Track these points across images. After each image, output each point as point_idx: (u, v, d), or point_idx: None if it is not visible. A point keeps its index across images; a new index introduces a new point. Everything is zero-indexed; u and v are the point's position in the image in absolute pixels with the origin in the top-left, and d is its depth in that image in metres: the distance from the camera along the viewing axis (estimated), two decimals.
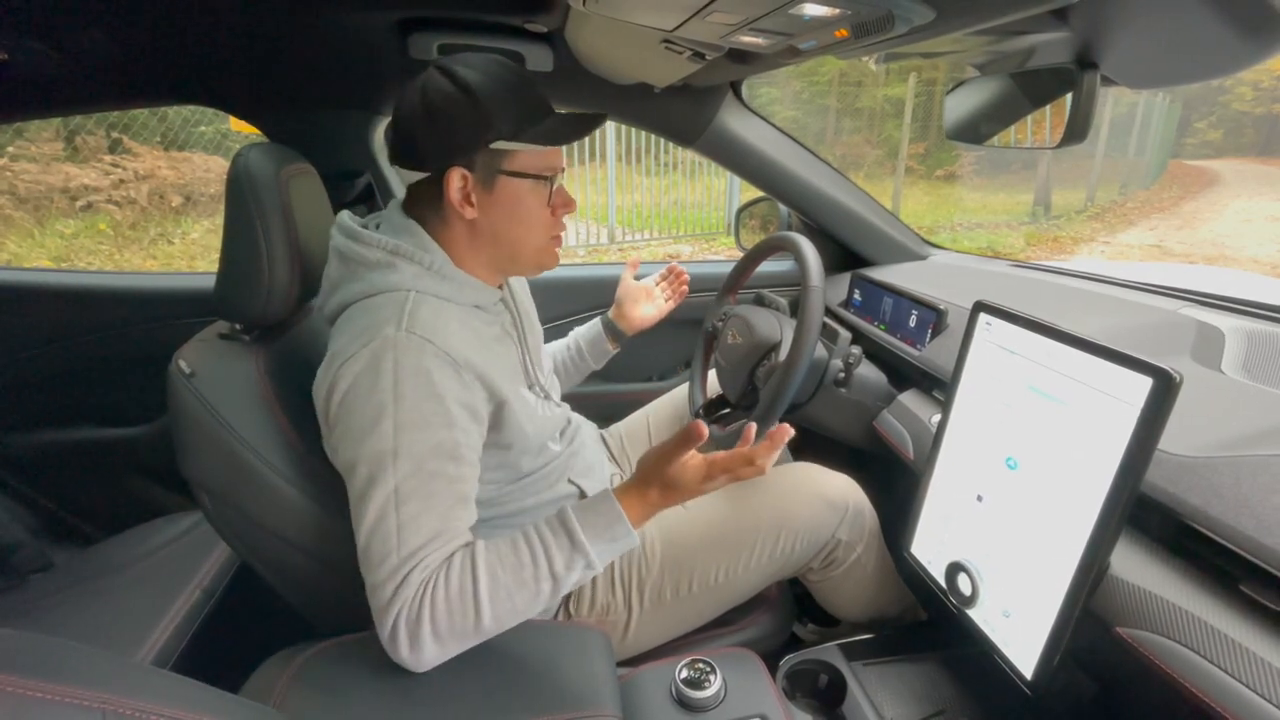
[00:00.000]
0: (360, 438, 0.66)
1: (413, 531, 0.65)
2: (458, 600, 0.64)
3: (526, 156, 0.74)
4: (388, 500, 0.65)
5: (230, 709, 0.48)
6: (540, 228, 0.79)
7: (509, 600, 0.66)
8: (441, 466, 0.67)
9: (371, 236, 0.74)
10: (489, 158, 0.73)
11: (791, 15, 0.51)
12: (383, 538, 0.65)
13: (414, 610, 0.64)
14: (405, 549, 0.64)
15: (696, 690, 0.71)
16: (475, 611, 0.65)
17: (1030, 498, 0.67)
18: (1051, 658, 0.64)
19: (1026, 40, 0.65)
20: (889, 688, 0.85)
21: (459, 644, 0.67)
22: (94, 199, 4.77)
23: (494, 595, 0.65)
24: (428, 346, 0.68)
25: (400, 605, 0.64)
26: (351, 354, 0.68)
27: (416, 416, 0.66)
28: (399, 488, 0.65)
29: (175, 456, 0.80)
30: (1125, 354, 0.57)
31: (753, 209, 1.60)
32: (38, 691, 0.37)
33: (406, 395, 0.66)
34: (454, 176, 0.72)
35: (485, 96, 0.70)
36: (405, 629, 0.64)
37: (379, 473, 0.65)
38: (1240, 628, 0.53)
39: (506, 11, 1.01)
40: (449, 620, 0.64)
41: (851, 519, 0.97)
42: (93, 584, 1.11)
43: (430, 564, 0.65)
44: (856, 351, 1.07)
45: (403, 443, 0.65)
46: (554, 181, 0.78)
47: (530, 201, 0.76)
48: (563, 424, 0.92)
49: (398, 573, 0.64)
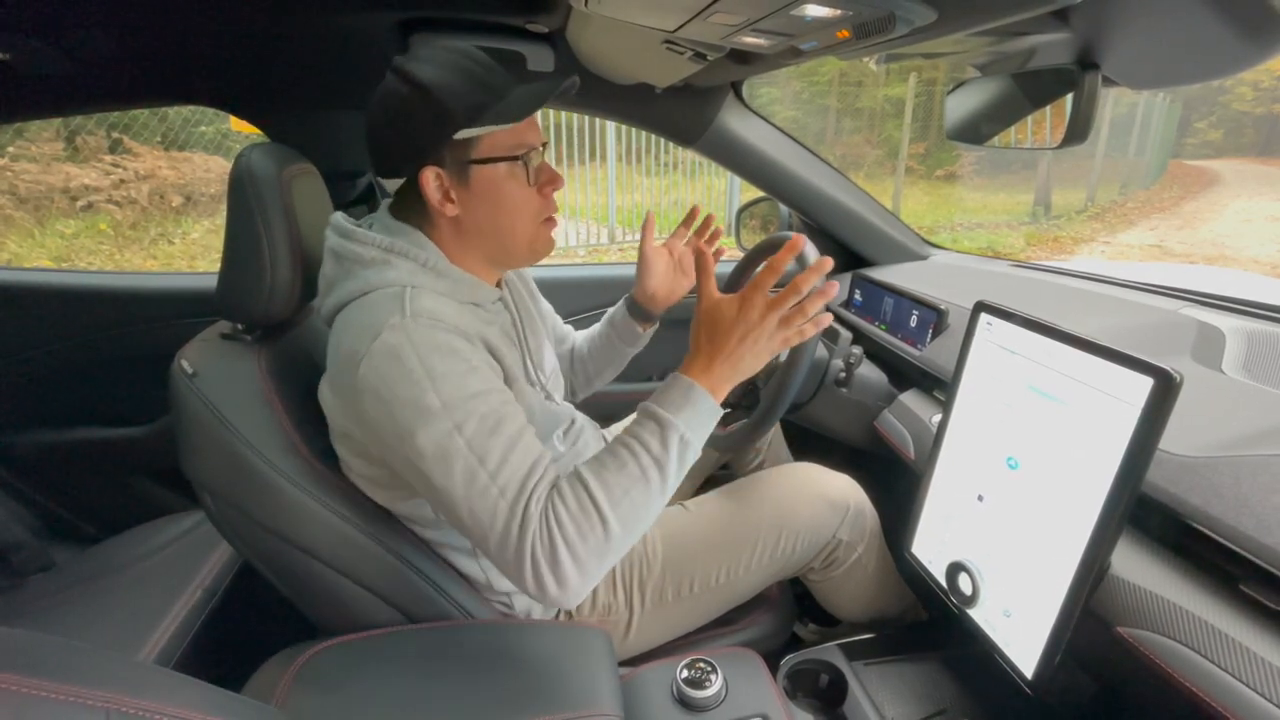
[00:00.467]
0: (412, 426, 0.65)
1: (508, 475, 0.64)
2: (580, 514, 0.64)
3: (493, 140, 0.72)
4: (469, 463, 0.64)
5: (233, 708, 0.48)
6: (527, 212, 0.77)
7: (626, 497, 0.66)
8: (501, 412, 0.67)
9: (366, 235, 0.74)
10: (456, 150, 0.72)
11: (793, 16, 0.51)
12: (481, 494, 0.64)
13: (545, 538, 0.63)
14: (510, 492, 0.64)
15: (698, 690, 0.71)
16: (601, 519, 0.64)
17: (1031, 497, 0.67)
18: (1052, 657, 0.64)
19: (1028, 41, 0.65)
20: (890, 687, 0.85)
21: (597, 562, 0.65)
22: (94, 199, 4.78)
23: (611, 497, 0.65)
24: (438, 325, 0.68)
25: (530, 540, 0.63)
26: (366, 352, 0.67)
27: (455, 380, 0.66)
28: (471, 446, 0.64)
29: (177, 456, 0.80)
30: (1126, 354, 0.57)
31: (753, 209, 1.60)
32: (42, 691, 0.37)
33: (437, 368, 0.66)
34: (428, 177, 0.72)
35: (439, 88, 0.68)
36: (545, 561, 0.63)
37: (447, 445, 0.64)
38: (1240, 627, 0.53)
39: (508, 12, 1.01)
40: (579, 537, 0.64)
41: (852, 519, 0.97)
42: (94, 584, 1.11)
43: (540, 494, 0.65)
44: (857, 351, 1.07)
45: (456, 410, 0.65)
46: (529, 159, 0.75)
47: (509, 186, 0.74)
48: (565, 423, 0.91)
49: (515, 514, 0.63)
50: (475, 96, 0.69)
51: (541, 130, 0.79)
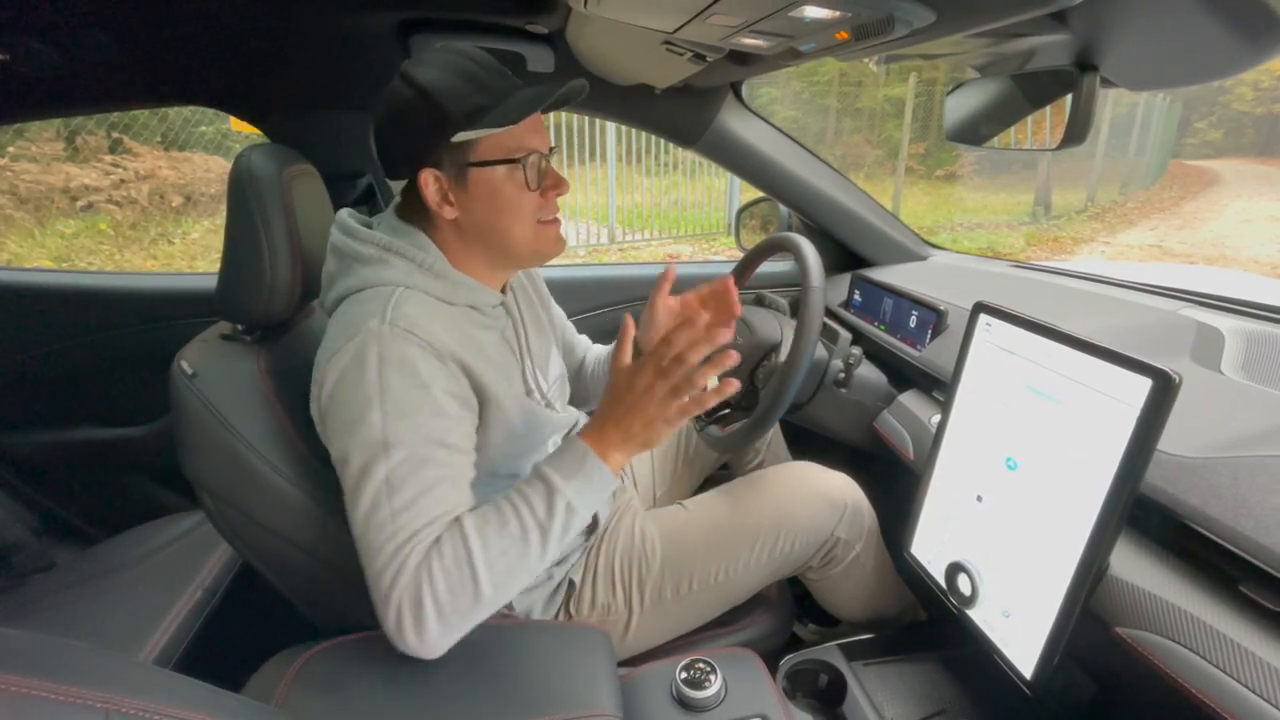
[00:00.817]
0: (350, 430, 0.66)
1: (408, 518, 0.64)
2: (454, 570, 0.64)
3: (490, 142, 0.72)
4: (380, 489, 0.64)
5: (233, 708, 0.49)
6: (525, 214, 0.75)
7: (503, 559, 0.65)
8: (431, 453, 0.66)
9: (366, 233, 0.75)
10: (455, 153, 0.71)
11: (792, 18, 0.51)
12: (378, 526, 0.64)
13: (412, 592, 0.63)
14: (400, 535, 0.64)
15: (697, 690, 0.71)
16: (473, 579, 0.64)
17: (1030, 498, 0.67)
18: (1051, 658, 0.64)
19: (1026, 42, 0.66)
20: (889, 687, 0.85)
21: (463, 620, 0.65)
22: (94, 199, 4.78)
23: (488, 558, 0.64)
24: (411, 338, 0.67)
25: (400, 589, 0.63)
26: (337, 349, 0.69)
27: (404, 405, 0.66)
28: (390, 476, 0.65)
29: (177, 457, 0.80)
30: (1125, 355, 0.57)
31: (753, 209, 1.60)
32: (41, 691, 0.37)
33: (392, 385, 0.66)
34: (427, 179, 0.72)
35: (438, 91, 0.69)
36: (409, 612, 0.63)
37: (371, 463, 0.65)
38: (1239, 628, 0.53)
39: (508, 13, 1.01)
40: (449, 594, 0.63)
41: (850, 517, 0.97)
42: (94, 584, 1.11)
43: (424, 546, 0.65)
44: (857, 352, 1.07)
45: (391, 432, 0.65)
46: (526, 162, 0.73)
47: (508, 189, 0.74)
48: (565, 429, 0.91)
49: (395, 558, 0.63)
50: (473, 99, 0.69)
51: (548, 135, 0.78)
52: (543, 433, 0.84)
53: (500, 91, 0.70)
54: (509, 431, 0.77)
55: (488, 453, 0.77)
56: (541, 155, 0.75)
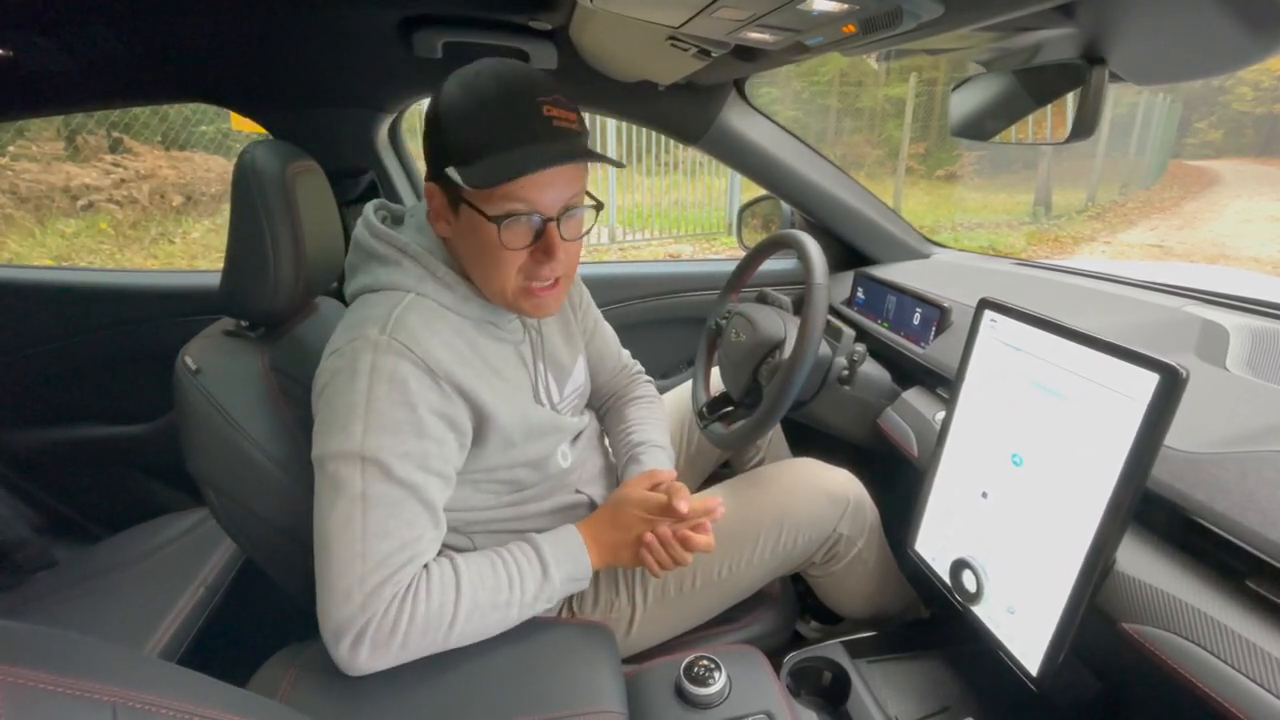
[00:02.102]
0: (330, 433, 0.66)
1: (380, 539, 0.64)
2: (436, 616, 0.65)
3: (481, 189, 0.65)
4: (353, 504, 0.64)
5: (239, 703, 0.48)
6: (504, 269, 0.69)
7: (481, 620, 0.68)
8: (409, 474, 0.66)
9: (385, 232, 0.74)
10: (451, 181, 0.67)
11: (800, 11, 0.51)
12: (347, 542, 0.63)
13: (386, 624, 0.63)
14: (372, 558, 0.63)
15: (701, 687, 0.71)
16: (449, 627, 0.66)
17: (1036, 494, 0.67)
18: (1057, 654, 0.64)
19: (1033, 36, 0.65)
20: (893, 685, 0.85)
21: (417, 654, 0.67)
22: (95, 198, 4.77)
23: (470, 615, 0.67)
24: (406, 354, 0.67)
25: (371, 615, 0.62)
26: (337, 348, 0.69)
27: (387, 422, 0.65)
28: (365, 493, 0.64)
29: (179, 454, 0.80)
30: (1131, 350, 0.57)
31: (755, 208, 1.60)
32: (49, 685, 0.37)
33: (379, 399, 0.65)
34: (431, 192, 0.72)
35: (447, 116, 0.66)
36: (371, 640, 0.63)
37: (346, 473, 0.64)
38: (1246, 623, 0.53)
39: (511, 9, 1.01)
40: (423, 634, 0.64)
41: (852, 513, 0.97)
42: (96, 581, 1.11)
43: (401, 579, 0.64)
44: (860, 349, 1.07)
45: (370, 446, 0.64)
46: (502, 224, 0.66)
47: (489, 238, 0.67)
48: (574, 434, 0.90)
49: (365, 581, 0.63)
50: (474, 138, 0.64)
51: (572, 189, 0.69)
52: (549, 441, 0.83)
53: (509, 138, 0.64)
54: (507, 444, 0.77)
55: (484, 459, 0.77)
56: (539, 216, 0.67)
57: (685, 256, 5.69)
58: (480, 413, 0.73)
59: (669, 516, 0.77)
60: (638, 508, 0.79)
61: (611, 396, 1.07)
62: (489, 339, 0.77)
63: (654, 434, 0.98)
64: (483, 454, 0.76)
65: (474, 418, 0.73)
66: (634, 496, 0.80)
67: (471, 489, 0.78)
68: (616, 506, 0.81)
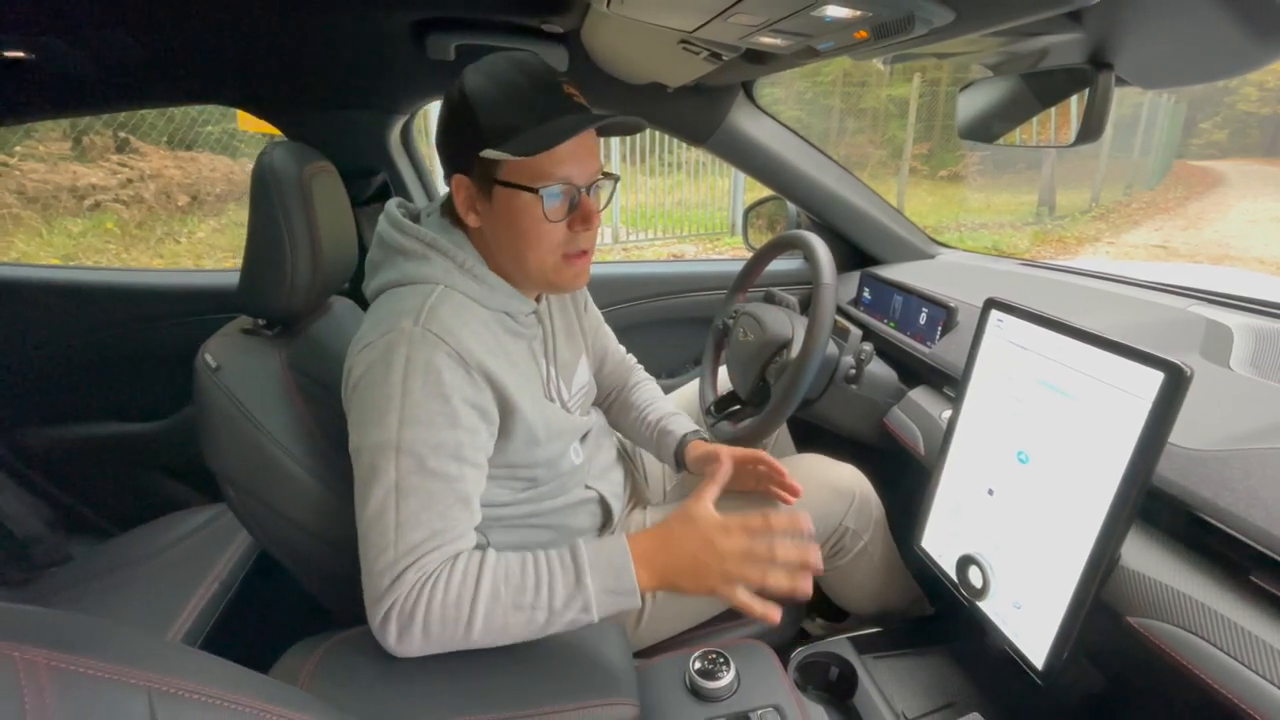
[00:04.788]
0: (366, 426, 0.67)
1: (411, 528, 0.65)
2: (453, 606, 0.65)
3: (518, 164, 0.69)
4: (388, 494, 0.65)
5: (266, 690, 0.49)
6: (544, 242, 0.73)
7: (503, 618, 0.66)
8: (443, 465, 0.67)
9: (411, 227, 0.76)
10: (483, 166, 0.70)
11: (813, 17, 0.52)
12: (381, 531, 0.65)
13: (408, 606, 0.64)
14: (402, 545, 0.65)
15: (710, 680, 0.72)
16: (468, 621, 0.65)
17: (1042, 491, 0.68)
18: (1062, 648, 0.65)
19: (1041, 41, 0.66)
20: (899, 680, 0.85)
21: (445, 646, 0.67)
22: (101, 198, 4.80)
23: (490, 611, 0.65)
24: (440, 345, 0.68)
25: (394, 599, 0.64)
26: (369, 341, 0.70)
27: (421, 413, 0.66)
28: (399, 483, 0.65)
29: (193, 451, 0.81)
30: (1136, 349, 0.58)
31: (760, 209, 1.61)
32: (90, 670, 0.38)
33: (414, 390, 0.66)
34: (459, 184, 0.73)
35: (478, 102, 0.68)
36: (396, 622, 0.64)
37: (382, 464, 0.66)
38: (1251, 616, 0.54)
39: (524, 12, 1.02)
40: (441, 624, 0.65)
41: (858, 507, 0.98)
42: (111, 577, 1.12)
43: (427, 565, 0.65)
44: (867, 348, 1.08)
45: (405, 438, 0.66)
46: (546, 193, 0.70)
47: (528, 216, 0.71)
48: (583, 432, 0.91)
49: (394, 567, 0.64)
50: (506, 117, 0.68)
51: (598, 161, 0.74)
52: (563, 439, 0.84)
53: (541, 113, 0.68)
54: (530, 437, 0.78)
55: (508, 455, 0.78)
56: (575, 187, 0.72)
57: (688, 257, 5.70)
58: (506, 404, 0.74)
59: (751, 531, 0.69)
60: (717, 530, 0.69)
61: (614, 390, 1.09)
62: (508, 334, 0.78)
63: (669, 407, 1.03)
64: (507, 448, 0.77)
65: (501, 408, 0.74)
66: (706, 515, 0.70)
67: (490, 484, 0.79)
68: (684, 521, 0.71)
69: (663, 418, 1.01)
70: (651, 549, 0.70)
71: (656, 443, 1.00)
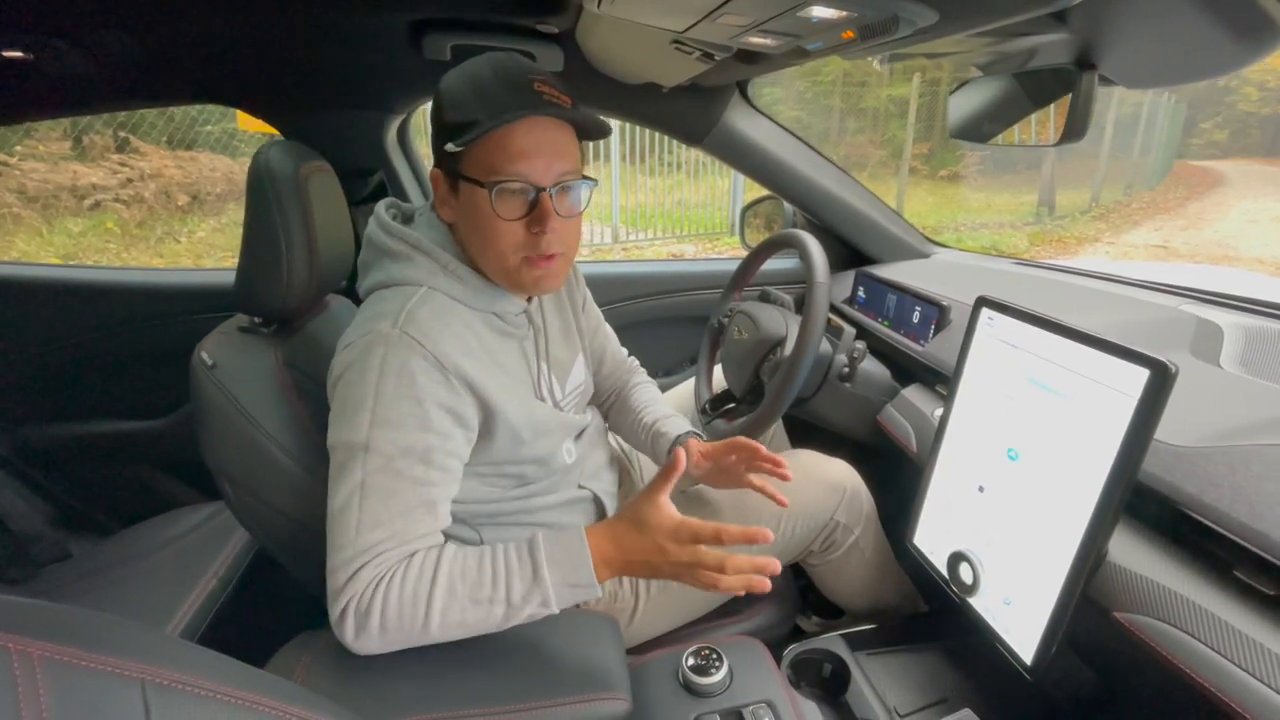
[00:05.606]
0: (340, 424, 0.68)
1: (370, 528, 0.65)
2: (410, 603, 0.65)
3: (474, 158, 0.69)
4: (353, 492, 0.66)
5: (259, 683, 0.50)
6: (501, 241, 0.71)
7: (460, 614, 0.66)
8: (410, 467, 0.67)
9: (397, 229, 0.76)
10: (451, 160, 0.71)
11: (800, 18, 0.52)
12: (343, 528, 0.66)
13: (364, 603, 0.64)
14: (360, 543, 0.65)
15: (703, 676, 0.72)
16: (425, 616, 0.65)
17: (1031, 488, 0.69)
18: (1050, 643, 0.66)
19: (1028, 41, 0.67)
20: (892, 676, 0.86)
21: (404, 642, 0.67)
22: (101, 198, 4.80)
23: (447, 606, 0.65)
24: (417, 348, 0.68)
25: (350, 596, 0.64)
26: (350, 342, 0.71)
27: (393, 415, 0.67)
28: (365, 482, 0.66)
29: (192, 449, 0.82)
30: (1122, 346, 0.59)
31: (757, 208, 1.62)
32: (83, 660, 0.39)
33: (386, 392, 0.67)
34: (434, 178, 0.75)
35: (446, 97, 0.70)
36: (353, 619, 0.65)
37: (349, 462, 0.67)
38: (1234, 612, 0.54)
39: (519, 13, 1.03)
40: (398, 619, 0.65)
41: (849, 501, 0.99)
42: (110, 574, 1.13)
43: (385, 561, 0.65)
44: (861, 347, 1.09)
45: (375, 438, 0.66)
46: (494, 189, 0.68)
47: (484, 211, 0.70)
48: (577, 431, 0.91)
49: (351, 564, 0.65)
50: (467, 110, 0.68)
51: (564, 164, 0.71)
52: (553, 438, 0.84)
53: (499, 106, 0.67)
54: (514, 436, 0.78)
55: (492, 454, 0.78)
56: (531, 185, 0.69)
57: (688, 256, 5.70)
58: (487, 407, 0.74)
59: (703, 542, 0.66)
60: (668, 538, 0.67)
61: (613, 391, 1.09)
62: (496, 334, 0.78)
63: (666, 409, 1.02)
64: (490, 448, 0.77)
65: (481, 412, 0.74)
66: (658, 523, 0.68)
67: (478, 481, 0.80)
68: (636, 525, 0.69)
69: (658, 420, 1.00)
70: (606, 547, 0.69)
71: (651, 445, 0.99)
